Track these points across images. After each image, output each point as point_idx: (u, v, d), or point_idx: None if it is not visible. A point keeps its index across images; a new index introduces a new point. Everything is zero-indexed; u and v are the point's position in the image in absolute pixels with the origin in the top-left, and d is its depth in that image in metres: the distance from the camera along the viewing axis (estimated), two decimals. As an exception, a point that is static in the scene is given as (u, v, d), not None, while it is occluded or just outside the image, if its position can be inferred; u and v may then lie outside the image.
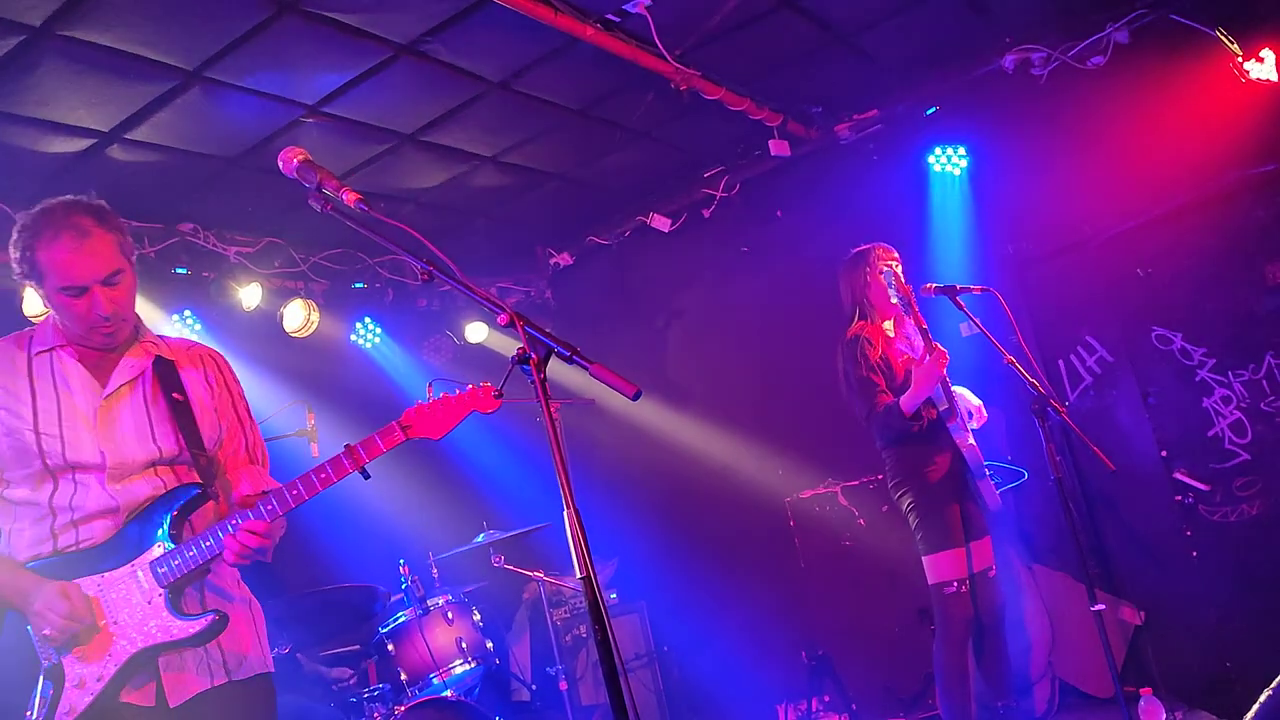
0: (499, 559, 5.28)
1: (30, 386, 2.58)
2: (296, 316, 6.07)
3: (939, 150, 5.98)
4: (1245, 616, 5.01)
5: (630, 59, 4.82)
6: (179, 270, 5.61)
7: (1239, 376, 5.20)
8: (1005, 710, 4.40)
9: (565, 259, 7.35)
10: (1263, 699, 2.97)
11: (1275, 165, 5.06)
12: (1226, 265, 5.23)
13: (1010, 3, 5.27)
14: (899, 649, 5.61)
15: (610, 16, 4.60)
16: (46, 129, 4.53)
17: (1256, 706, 2.98)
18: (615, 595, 6.64)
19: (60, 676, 2.43)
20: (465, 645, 4.89)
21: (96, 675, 2.44)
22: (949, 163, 5.99)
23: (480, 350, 7.36)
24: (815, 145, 6.21)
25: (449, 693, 4.73)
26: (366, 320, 6.83)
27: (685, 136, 6.14)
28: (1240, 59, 4.98)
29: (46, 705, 2.41)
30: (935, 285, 4.38)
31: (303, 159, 2.39)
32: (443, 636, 4.88)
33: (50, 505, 2.53)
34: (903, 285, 4.36)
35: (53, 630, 2.41)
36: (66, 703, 2.41)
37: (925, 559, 4.35)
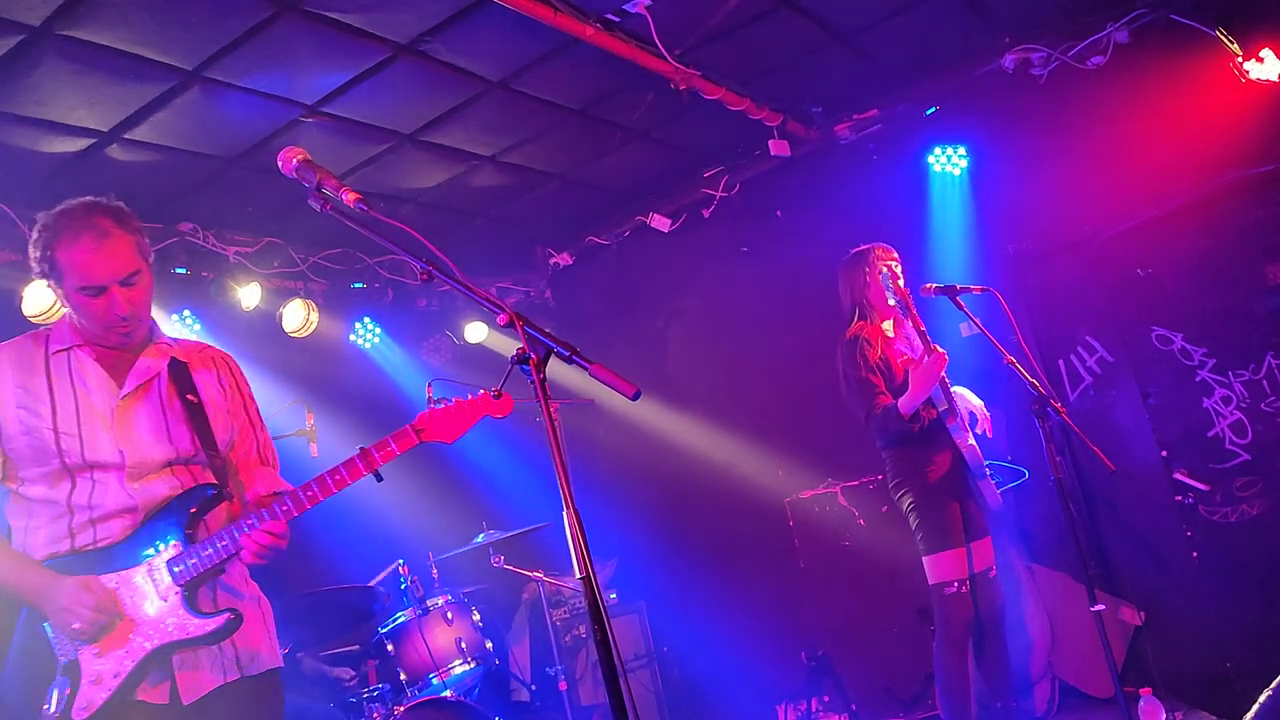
0: (499, 559, 5.28)
1: (48, 385, 2.61)
2: (296, 316, 6.07)
3: (939, 150, 5.98)
4: (1245, 616, 5.00)
5: (630, 59, 4.81)
6: (178, 270, 5.61)
7: (1239, 377, 5.20)
8: (1005, 710, 4.39)
9: (565, 259, 7.35)
10: (1263, 699, 2.97)
11: (1275, 165, 5.05)
12: (1226, 265, 5.22)
13: (1010, 3, 5.26)
14: (899, 649, 5.61)
15: (610, 16, 4.60)
16: (46, 129, 4.53)
17: (1256, 706, 2.98)
18: (615, 595, 6.64)
19: (77, 673, 2.45)
20: (465, 645, 4.89)
21: (114, 671, 2.46)
22: (949, 163, 5.99)
23: (480, 350, 7.35)
24: (815, 145, 6.20)
25: (448, 693, 4.73)
26: (366, 320, 6.83)
27: (685, 136, 6.13)
28: (1240, 59, 4.98)
29: (64, 701, 2.42)
30: (935, 285, 4.38)
31: (302, 159, 2.40)
32: (442, 637, 4.88)
33: (69, 504, 2.55)
34: (899, 288, 4.36)
35: (82, 623, 2.43)
36: (84, 698, 2.43)
37: (925, 559, 4.35)
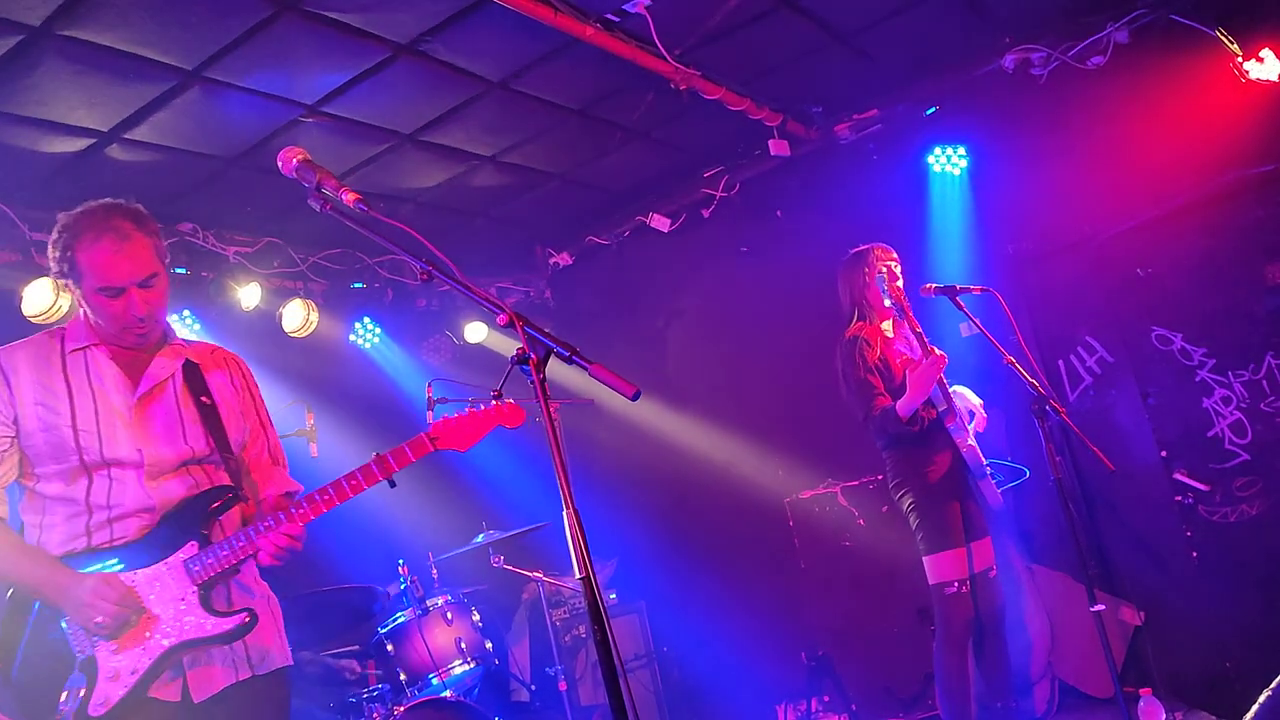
0: (498, 559, 5.27)
1: (66, 383, 2.63)
2: (295, 316, 6.07)
3: (939, 150, 5.98)
4: (1245, 616, 5.00)
5: (630, 59, 4.81)
6: (178, 270, 5.60)
7: (1239, 377, 5.20)
8: (1005, 710, 4.39)
9: (565, 259, 7.35)
10: (1262, 699, 2.98)
11: (1275, 165, 5.05)
12: (1226, 265, 5.22)
13: (1010, 3, 5.26)
14: (899, 649, 5.61)
15: (610, 16, 4.60)
16: (46, 129, 4.53)
17: (1256, 706, 2.98)
18: (615, 595, 6.64)
19: (94, 669, 2.46)
20: (464, 645, 4.89)
21: (131, 668, 2.48)
22: (949, 163, 5.99)
23: (479, 350, 7.35)
24: (815, 145, 6.20)
25: (448, 693, 4.73)
26: (366, 320, 6.83)
27: (685, 136, 6.13)
28: (1240, 59, 4.98)
29: (80, 698, 2.44)
30: (935, 285, 4.38)
31: (302, 159, 2.40)
32: (442, 637, 4.88)
33: (86, 501, 2.57)
34: (895, 289, 4.35)
35: (105, 618, 2.44)
36: (100, 694, 2.45)
37: (926, 559, 4.35)
